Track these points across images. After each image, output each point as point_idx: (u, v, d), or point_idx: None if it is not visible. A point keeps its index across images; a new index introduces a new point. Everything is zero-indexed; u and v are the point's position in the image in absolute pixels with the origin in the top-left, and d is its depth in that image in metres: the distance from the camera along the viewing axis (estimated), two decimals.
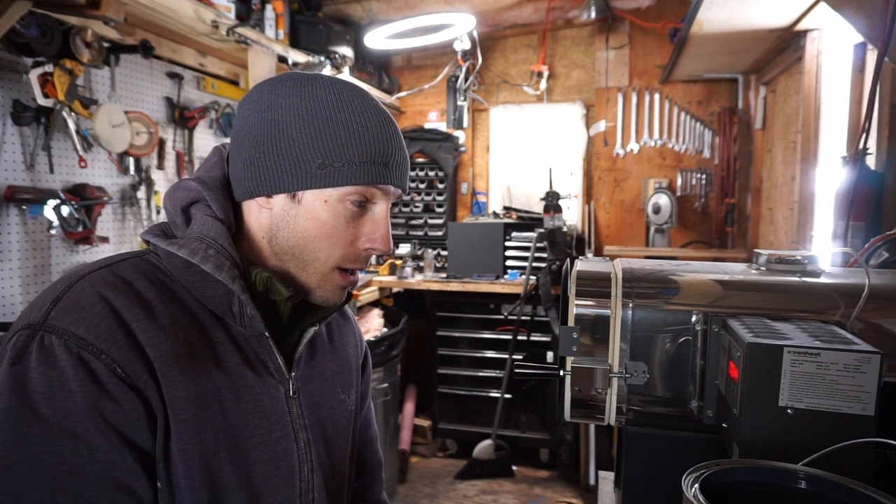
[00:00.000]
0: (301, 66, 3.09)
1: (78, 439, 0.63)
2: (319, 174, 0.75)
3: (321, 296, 0.82)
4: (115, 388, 0.65)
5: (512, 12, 3.92)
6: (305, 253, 0.78)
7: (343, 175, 0.75)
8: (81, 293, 0.69)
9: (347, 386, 0.94)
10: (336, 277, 0.81)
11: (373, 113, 0.78)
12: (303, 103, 0.76)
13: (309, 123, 0.75)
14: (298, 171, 0.75)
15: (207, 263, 0.73)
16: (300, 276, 0.80)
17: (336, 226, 0.77)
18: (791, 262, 0.90)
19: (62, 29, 2.05)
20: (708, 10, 2.37)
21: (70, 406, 0.63)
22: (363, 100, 0.78)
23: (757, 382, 0.68)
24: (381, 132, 0.77)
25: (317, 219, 0.77)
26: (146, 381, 0.67)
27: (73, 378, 0.64)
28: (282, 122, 0.76)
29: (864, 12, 1.45)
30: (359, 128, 0.76)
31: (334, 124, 0.75)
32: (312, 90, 0.77)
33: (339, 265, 0.80)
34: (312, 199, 0.77)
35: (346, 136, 0.75)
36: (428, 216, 4.32)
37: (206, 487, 0.71)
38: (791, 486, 0.64)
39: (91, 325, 0.66)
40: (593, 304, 0.90)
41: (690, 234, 4.00)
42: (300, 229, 0.77)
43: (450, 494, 3.34)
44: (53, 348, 0.64)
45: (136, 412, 0.66)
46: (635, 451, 0.89)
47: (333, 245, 0.78)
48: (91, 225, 2.31)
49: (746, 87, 3.72)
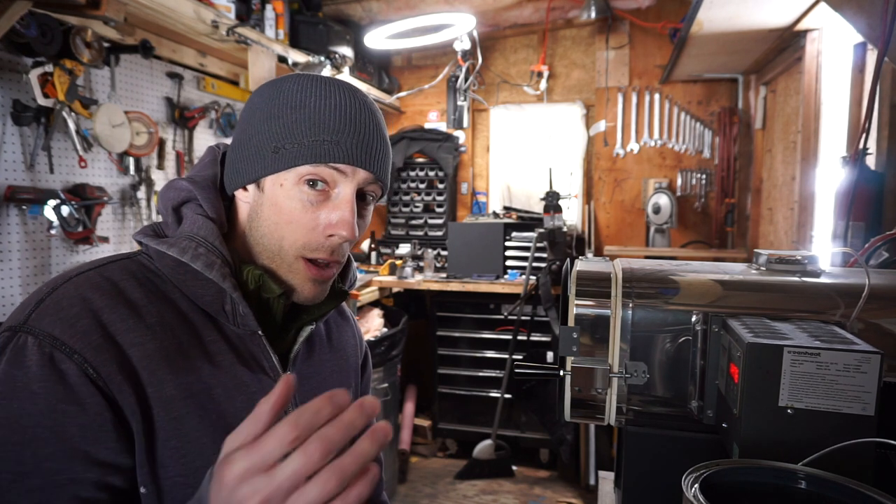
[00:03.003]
0: (301, 66, 3.09)
1: (26, 445, 0.62)
2: (273, 158, 0.75)
3: (297, 290, 0.79)
4: (82, 391, 0.64)
5: (512, 12, 3.92)
6: (271, 242, 0.77)
7: (293, 156, 0.74)
8: (64, 294, 0.69)
9: (345, 385, 0.94)
10: (302, 268, 0.77)
11: (335, 97, 0.76)
12: (271, 97, 0.77)
13: (269, 113, 0.76)
14: (258, 159, 0.76)
15: (197, 262, 0.72)
16: (275, 269, 0.78)
17: (293, 210, 0.75)
18: (791, 262, 0.90)
19: (62, 29, 2.05)
20: (708, 10, 2.37)
21: (28, 409, 0.62)
22: (329, 87, 0.77)
23: (757, 382, 0.68)
24: (338, 113, 0.75)
25: (276, 205, 0.76)
26: (120, 383, 0.66)
27: (38, 379, 0.63)
28: (252, 118, 0.78)
29: (864, 12, 1.45)
30: (312, 110, 0.75)
31: (289, 109, 0.75)
32: (282, 84, 0.78)
33: (303, 254, 0.77)
34: (271, 186, 0.76)
35: (297, 117, 0.75)
36: (428, 216, 4.32)
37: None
38: (791, 486, 0.64)
39: (67, 325, 0.66)
40: (593, 304, 0.89)
41: (690, 234, 4.00)
42: (265, 218, 0.77)
43: (450, 494, 3.33)
44: (26, 348, 0.64)
45: (100, 417, 0.65)
46: (635, 451, 0.89)
47: (294, 231, 0.76)
48: (91, 225, 2.31)
49: (746, 87, 3.72)
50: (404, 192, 4.39)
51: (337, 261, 0.79)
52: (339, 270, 0.83)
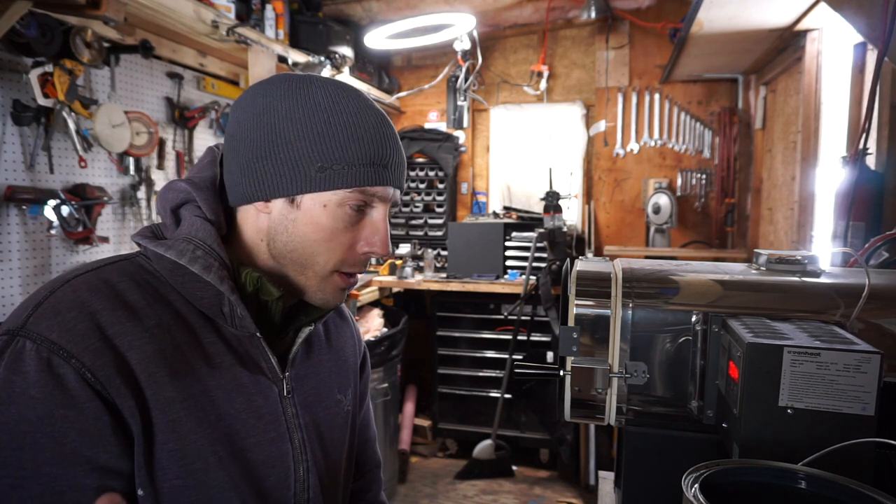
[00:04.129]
0: (301, 66, 3.09)
1: (25, 451, 0.62)
2: (319, 178, 0.74)
3: (321, 298, 0.81)
4: (80, 395, 0.64)
5: (512, 12, 3.92)
6: (304, 257, 0.78)
7: (342, 177, 0.75)
8: (62, 297, 0.68)
9: (344, 386, 0.94)
10: (336, 280, 0.80)
11: (370, 114, 0.77)
12: (299, 106, 0.75)
13: (307, 126, 0.74)
14: (297, 175, 0.75)
15: (195, 264, 0.72)
16: (299, 279, 0.80)
17: (335, 230, 0.77)
18: (791, 262, 0.90)
19: (62, 29, 2.05)
20: (708, 10, 2.37)
21: (26, 414, 0.62)
22: (359, 101, 0.78)
23: (757, 382, 0.68)
24: (379, 133, 0.77)
25: (316, 223, 0.76)
26: (119, 386, 0.66)
27: (36, 384, 0.63)
28: (279, 125, 0.75)
29: (864, 12, 1.45)
30: (357, 129, 0.75)
31: (332, 127, 0.74)
32: (308, 92, 0.76)
33: (339, 269, 0.79)
34: (312, 204, 0.76)
35: (345, 138, 0.75)
36: (428, 216, 4.32)
37: (200, 486, 0.70)
38: (791, 486, 0.64)
39: (65, 330, 0.65)
40: (593, 304, 0.90)
41: (690, 234, 4.00)
42: (299, 234, 0.77)
43: (450, 494, 3.33)
44: (24, 353, 0.64)
45: (99, 421, 0.65)
46: (635, 451, 0.89)
47: (332, 249, 0.77)
48: (91, 225, 2.31)
49: (746, 87, 3.72)
50: (404, 192, 4.38)
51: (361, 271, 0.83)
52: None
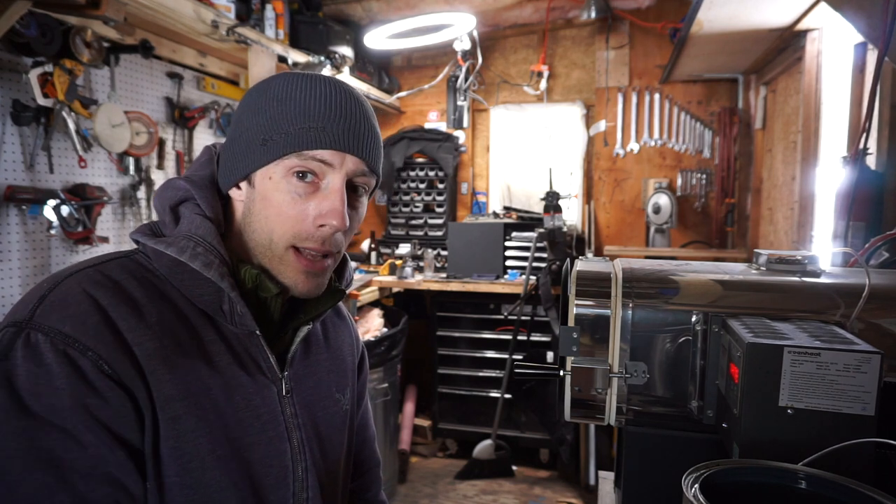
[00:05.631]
0: (301, 66, 3.09)
1: (67, 434, 0.63)
2: (261, 151, 0.75)
3: (289, 282, 0.78)
4: (101, 385, 0.65)
5: (512, 12, 3.92)
6: (262, 236, 0.77)
7: (280, 146, 0.74)
8: (68, 291, 0.68)
9: (342, 385, 0.93)
10: (292, 259, 0.77)
11: (320, 87, 0.76)
12: (256, 94, 0.79)
13: (256, 109, 0.77)
14: (248, 154, 0.77)
15: (196, 262, 0.72)
16: (268, 265, 0.78)
17: (283, 203, 0.75)
18: (791, 262, 0.90)
19: (62, 29, 2.06)
20: (708, 10, 2.37)
21: (56, 403, 0.63)
22: (314, 80, 0.77)
23: (757, 382, 0.68)
24: (323, 101, 0.76)
25: (266, 198, 0.76)
26: (133, 378, 0.66)
27: (59, 375, 0.63)
28: (241, 115, 0.79)
29: (864, 12, 1.45)
30: (298, 101, 0.75)
31: (275, 102, 0.76)
32: (269, 82, 0.79)
33: (293, 243, 0.76)
34: (261, 180, 0.77)
35: (283, 109, 0.75)
36: (428, 216, 4.32)
37: (198, 486, 0.70)
38: (791, 486, 0.64)
39: (77, 323, 0.65)
40: (593, 304, 0.89)
41: (690, 234, 4.00)
42: (256, 212, 0.77)
43: (450, 494, 3.33)
44: (39, 345, 0.64)
45: (123, 408, 0.66)
46: (635, 451, 0.89)
47: (283, 223, 0.75)
48: (91, 225, 2.31)
49: (746, 87, 3.72)
50: (404, 192, 4.39)
51: (329, 251, 0.78)
52: (334, 265, 0.82)
